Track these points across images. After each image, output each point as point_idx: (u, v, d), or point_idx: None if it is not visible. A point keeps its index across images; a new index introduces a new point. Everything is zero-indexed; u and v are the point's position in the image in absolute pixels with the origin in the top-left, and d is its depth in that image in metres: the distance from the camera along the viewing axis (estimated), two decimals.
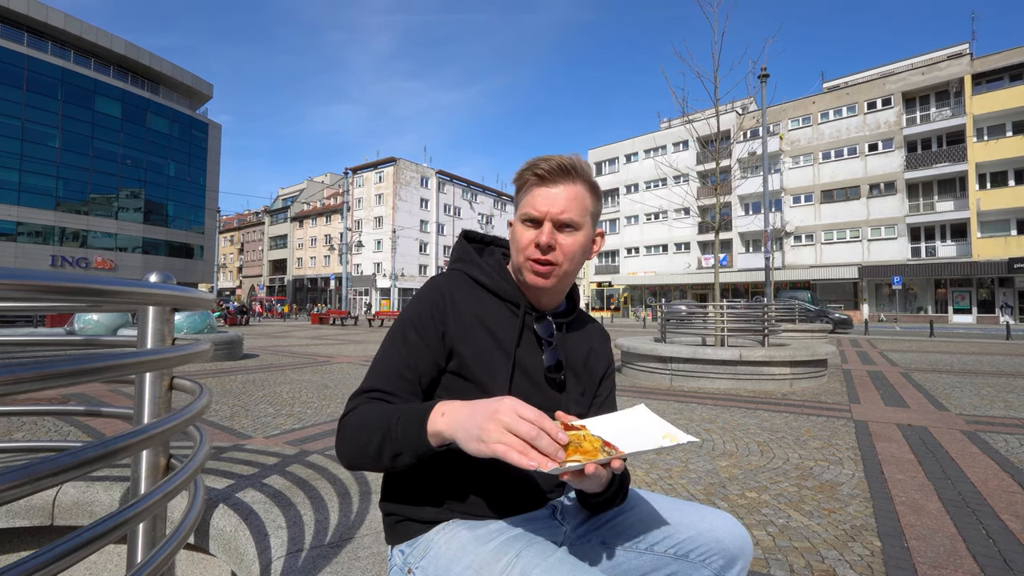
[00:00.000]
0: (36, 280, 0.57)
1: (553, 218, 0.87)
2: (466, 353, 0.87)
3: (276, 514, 1.44)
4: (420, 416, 0.73)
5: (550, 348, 0.93)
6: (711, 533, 0.85)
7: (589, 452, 0.66)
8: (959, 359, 9.43)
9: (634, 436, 0.75)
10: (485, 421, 0.66)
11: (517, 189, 0.93)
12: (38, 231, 34.65)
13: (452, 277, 0.96)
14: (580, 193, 0.89)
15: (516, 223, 0.92)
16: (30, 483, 0.49)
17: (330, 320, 26.88)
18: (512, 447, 0.63)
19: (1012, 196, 27.19)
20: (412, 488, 0.87)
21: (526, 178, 0.90)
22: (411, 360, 0.86)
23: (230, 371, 7.50)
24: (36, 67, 34.01)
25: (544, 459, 0.63)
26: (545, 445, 0.63)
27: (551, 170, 0.87)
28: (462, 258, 1.00)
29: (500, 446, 0.64)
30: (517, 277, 0.95)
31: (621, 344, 7.41)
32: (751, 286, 35.10)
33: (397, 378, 0.84)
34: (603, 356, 1.05)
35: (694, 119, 8.89)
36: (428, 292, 0.92)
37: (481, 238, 1.07)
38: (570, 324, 1.01)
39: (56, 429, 3.82)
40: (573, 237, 0.89)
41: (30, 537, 1.70)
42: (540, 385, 0.92)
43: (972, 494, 2.60)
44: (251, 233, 73.13)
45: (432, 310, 0.89)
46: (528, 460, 0.62)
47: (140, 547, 1.02)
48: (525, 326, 0.93)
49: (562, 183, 0.88)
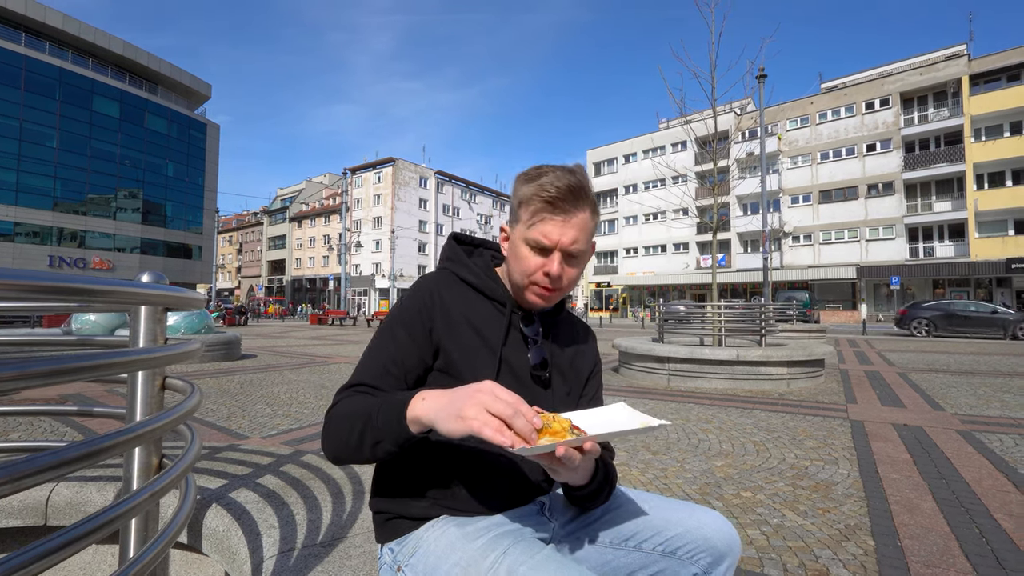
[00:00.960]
0: (27, 280, 0.57)
1: (564, 248, 0.87)
2: (453, 351, 0.88)
3: (269, 513, 1.45)
4: (400, 403, 0.74)
5: (536, 347, 0.94)
6: (699, 531, 0.85)
7: (559, 433, 0.68)
8: (956, 359, 9.45)
9: (609, 425, 0.76)
10: (465, 400, 0.67)
11: (519, 203, 0.89)
12: (36, 231, 34.60)
13: (441, 276, 0.97)
14: (587, 221, 0.88)
15: (519, 243, 0.89)
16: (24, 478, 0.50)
17: (328, 320, 26.90)
18: (488, 424, 0.64)
19: (1009, 196, 27.27)
20: (401, 485, 0.88)
21: (531, 198, 0.87)
22: (398, 356, 0.87)
23: (228, 371, 7.49)
24: (34, 67, 33.96)
25: (518, 438, 0.64)
26: (520, 425, 0.65)
27: (562, 196, 0.84)
28: (451, 258, 1.01)
29: (476, 422, 0.65)
30: (512, 287, 0.96)
31: (619, 344, 7.42)
32: (749, 286, 35.14)
33: (383, 373, 0.85)
34: (589, 355, 1.06)
35: (692, 120, 8.92)
36: (417, 291, 0.93)
37: (471, 240, 1.07)
38: (557, 323, 1.02)
39: (52, 429, 3.82)
40: (578, 266, 0.91)
41: (24, 537, 1.70)
42: (526, 383, 0.92)
43: (966, 494, 2.61)
44: (250, 233, 73.07)
45: (420, 307, 0.90)
46: (502, 437, 0.63)
47: (132, 544, 1.02)
48: (512, 325, 0.94)
49: (573, 212, 0.86)
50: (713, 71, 8.38)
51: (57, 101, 35.17)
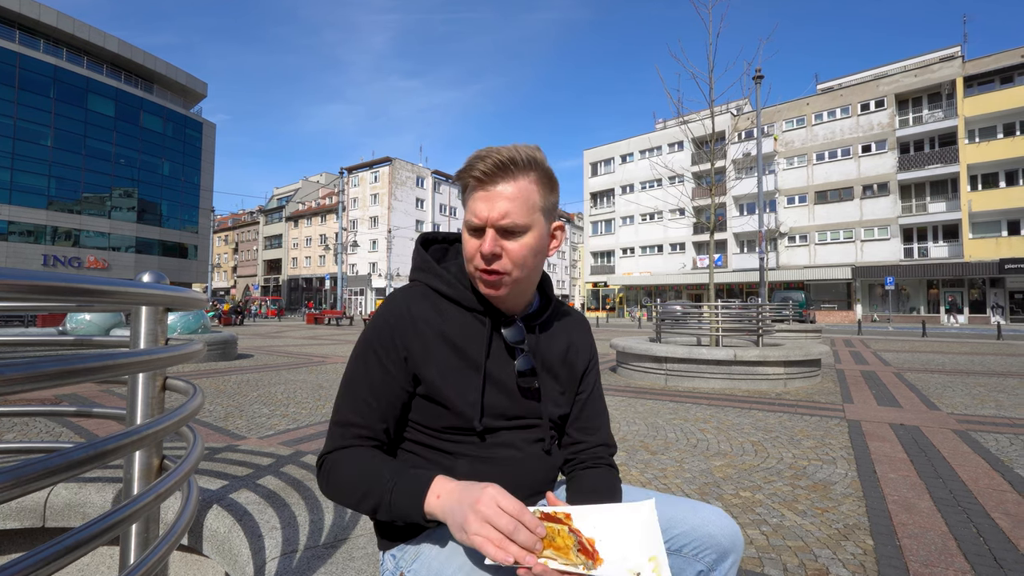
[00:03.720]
0: (27, 280, 0.56)
1: (494, 224, 0.80)
2: (431, 376, 0.84)
3: (270, 515, 1.44)
4: (416, 493, 0.74)
5: (523, 354, 0.89)
6: (703, 528, 0.84)
7: (561, 549, 0.66)
8: (951, 359, 9.51)
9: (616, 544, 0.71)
10: (468, 512, 0.67)
11: (461, 191, 0.86)
12: (30, 230, 34.33)
13: (413, 291, 0.91)
14: (524, 191, 0.81)
15: (463, 232, 0.86)
16: (20, 485, 0.49)
17: (325, 320, 26.86)
18: (490, 540, 0.64)
19: (1003, 197, 27.47)
20: None
21: (466, 181, 0.82)
22: (375, 389, 0.85)
23: (225, 371, 7.46)
24: (28, 65, 33.69)
25: (522, 553, 0.63)
26: (523, 539, 0.64)
27: (488, 171, 0.79)
28: (421, 267, 0.94)
29: (478, 538, 0.64)
30: (471, 282, 0.90)
31: (616, 344, 7.43)
32: (746, 286, 35.26)
33: (365, 406, 0.84)
34: (584, 348, 1.01)
35: (689, 120, 8.94)
36: (388, 310, 0.88)
37: (444, 238, 1.01)
38: (545, 322, 0.97)
39: (48, 430, 3.79)
40: (520, 241, 0.82)
41: (22, 539, 1.69)
42: (514, 396, 0.89)
43: (963, 493, 2.63)
44: (246, 233, 72.79)
45: (392, 333, 0.85)
46: (505, 555, 0.63)
47: (133, 548, 1.01)
48: (493, 335, 0.89)
49: (501, 183, 0.80)
50: (711, 72, 8.41)
51: (52, 99, 34.90)
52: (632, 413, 4.67)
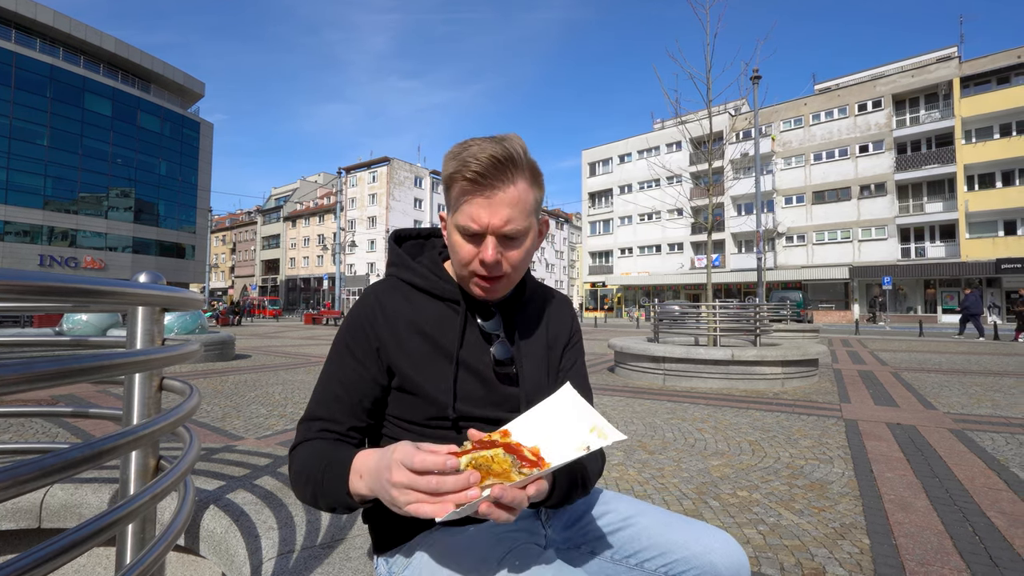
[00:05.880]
0: (23, 280, 0.56)
1: (496, 231, 0.77)
2: (404, 367, 0.83)
3: (267, 515, 1.44)
4: (340, 477, 0.72)
5: (499, 341, 0.88)
6: (706, 556, 0.80)
7: (500, 475, 0.61)
8: (948, 358, 9.54)
9: (558, 436, 0.69)
10: (388, 488, 0.62)
11: (446, 185, 0.80)
12: (26, 230, 34.23)
13: (385, 284, 0.91)
14: (522, 193, 0.77)
15: (452, 231, 0.81)
16: (15, 485, 0.49)
17: (323, 320, 26.85)
18: (422, 503, 0.59)
19: (999, 197, 27.59)
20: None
21: (455, 179, 0.77)
22: (347, 382, 0.83)
23: (222, 372, 7.44)
24: (24, 64, 33.59)
25: (463, 494, 0.58)
26: (452, 483, 0.58)
27: (486, 171, 0.74)
28: (394, 262, 0.94)
29: (412, 508, 0.60)
30: (457, 279, 0.88)
31: (614, 344, 7.44)
32: (743, 286, 35.33)
33: (335, 401, 0.83)
34: (564, 326, 0.99)
35: (687, 120, 8.94)
36: (360, 304, 0.88)
37: (418, 233, 1.01)
38: (523, 306, 0.95)
39: (44, 431, 3.78)
40: (520, 247, 0.81)
41: (17, 540, 1.68)
42: (490, 383, 0.87)
43: (959, 492, 2.64)
44: (243, 233, 72.65)
45: (364, 325, 0.85)
46: (445, 507, 0.58)
47: (129, 549, 1.01)
48: (468, 323, 0.88)
49: (501, 187, 0.76)
50: (708, 72, 8.42)
51: (48, 99, 34.80)
52: (630, 413, 4.68)
